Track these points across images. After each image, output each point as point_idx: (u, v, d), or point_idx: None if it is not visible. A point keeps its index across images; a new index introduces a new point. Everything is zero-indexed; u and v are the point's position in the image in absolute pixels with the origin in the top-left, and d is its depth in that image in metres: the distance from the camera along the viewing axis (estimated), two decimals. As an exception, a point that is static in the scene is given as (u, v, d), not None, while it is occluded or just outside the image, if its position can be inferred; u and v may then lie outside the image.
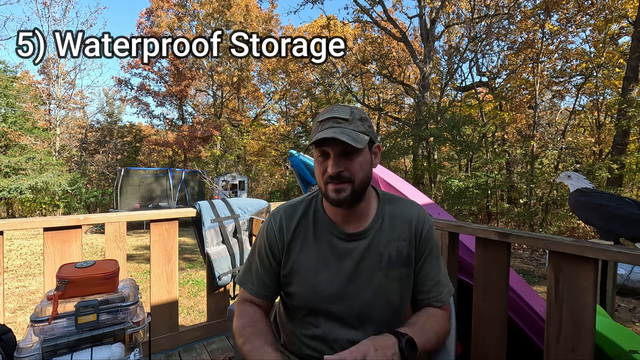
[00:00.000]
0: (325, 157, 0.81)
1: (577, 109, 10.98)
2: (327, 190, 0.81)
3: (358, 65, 16.22)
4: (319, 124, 0.81)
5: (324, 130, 0.78)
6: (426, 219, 0.92)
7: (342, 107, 0.82)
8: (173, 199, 11.62)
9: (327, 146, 0.79)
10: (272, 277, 0.90)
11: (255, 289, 0.90)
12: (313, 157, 0.85)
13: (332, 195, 0.80)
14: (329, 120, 0.80)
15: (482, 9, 12.55)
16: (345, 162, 0.79)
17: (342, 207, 0.83)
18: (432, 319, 0.86)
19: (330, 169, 0.78)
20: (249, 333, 0.81)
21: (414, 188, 1.95)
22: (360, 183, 0.81)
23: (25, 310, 4.27)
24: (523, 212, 8.85)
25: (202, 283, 5.27)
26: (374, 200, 0.92)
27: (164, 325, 1.98)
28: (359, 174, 0.80)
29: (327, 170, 0.79)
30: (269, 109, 22.16)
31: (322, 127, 0.80)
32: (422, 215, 0.92)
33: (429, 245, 0.90)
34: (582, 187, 1.50)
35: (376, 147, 0.87)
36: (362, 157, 0.81)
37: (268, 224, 0.92)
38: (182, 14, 18.14)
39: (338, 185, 0.79)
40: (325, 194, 0.82)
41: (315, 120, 0.84)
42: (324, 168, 0.80)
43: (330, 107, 0.84)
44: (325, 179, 0.81)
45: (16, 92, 14.61)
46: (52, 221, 1.64)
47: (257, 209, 2.33)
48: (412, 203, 0.95)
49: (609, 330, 1.35)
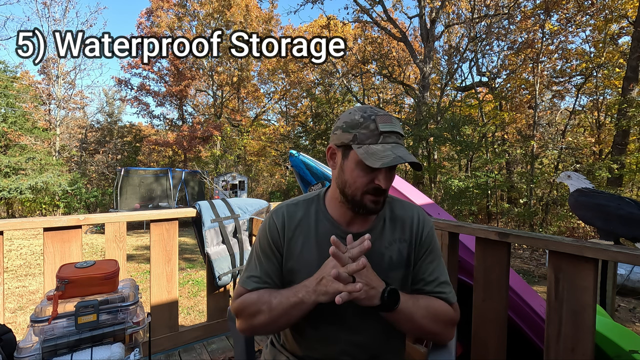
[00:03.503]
0: (373, 169, 0.77)
1: (577, 109, 10.99)
2: (363, 199, 0.80)
3: (358, 65, 16.23)
4: (381, 134, 0.76)
5: (393, 147, 0.76)
6: (426, 220, 0.92)
7: (396, 120, 0.80)
8: (173, 199, 11.62)
9: None
10: (276, 272, 0.88)
11: (259, 285, 0.87)
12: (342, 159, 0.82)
13: (370, 206, 0.80)
14: (393, 135, 0.77)
15: (482, 9, 12.55)
16: (391, 176, 0.81)
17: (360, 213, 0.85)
18: (435, 301, 0.85)
19: (384, 183, 0.77)
20: (268, 296, 0.81)
21: (414, 188, 1.95)
22: None
23: (25, 310, 4.27)
24: (523, 212, 8.85)
25: (202, 283, 5.27)
26: None
27: (164, 325, 1.98)
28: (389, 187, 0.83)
29: (377, 183, 0.78)
30: (269, 109, 22.17)
31: (386, 140, 0.76)
32: (422, 217, 0.92)
33: (429, 246, 0.90)
34: (582, 187, 1.50)
35: None
36: None
37: (270, 220, 0.91)
38: (182, 14, 18.15)
39: (379, 197, 0.80)
40: (360, 202, 0.81)
41: (370, 123, 0.77)
42: (371, 179, 0.78)
43: (387, 116, 0.78)
44: (369, 189, 0.79)
45: (16, 92, 14.61)
46: (52, 221, 1.64)
47: (257, 209, 2.33)
48: (411, 205, 0.95)
49: (609, 330, 1.35)
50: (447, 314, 0.86)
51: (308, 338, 0.88)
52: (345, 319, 0.85)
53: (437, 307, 0.84)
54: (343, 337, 0.85)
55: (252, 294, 0.84)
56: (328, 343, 0.86)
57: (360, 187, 0.79)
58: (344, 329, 0.85)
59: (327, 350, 0.86)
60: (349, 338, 0.85)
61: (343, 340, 0.85)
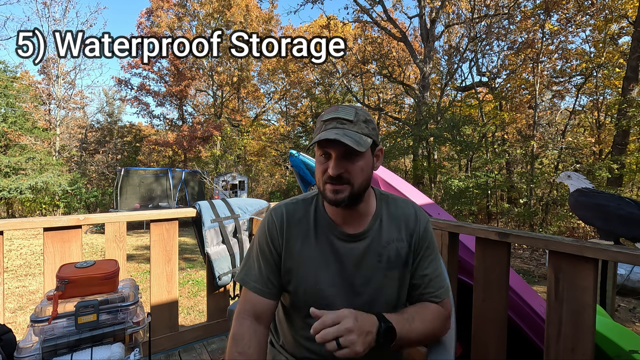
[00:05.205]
0: (327, 157, 0.80)
1: (577, 109, 10.98)
2: (325, 189, 0.81)
3: (358, 65, 16.22)
4: (322, 123, 0.81)
5: (327, 131, 0.77)
6: (422, 217, 0.92)
7: (346, 108, 0.81)
8: (173, 199, 11.62)
9: (329, 147, 0.78)
10: (275, 273, 0.88)
11: (260, 287, 0.87)
12: (315, 156, 0.85)
13: (329, 196, 0.80)
14: (333, 121, 0.79)
15: (482, 9, 12.55)
16: (347, 164, 0.79)
17: (340, 207, 0.83)
18: (426, 311, 0.85)
19: (331, 170, 0.78)
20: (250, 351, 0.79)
21: (414, 188, 1.95)
22: (360, 186, 0.81)
23: (25, 310, 4.27)
24: (523, 212, 8.85)
25: (202, 283, 5.27)
26: (373, 200, 0.91)
27: (164, 325, 1.98)
28: (358, 178, 0.80)
29: (328, 171, 0.79)
30: (269, 109, 22.17)
31: (326, 126, 0.79)
32: (419, 214, 0.92)
33: (425, 242, 0.90)
34: (582, 187, 1.50)
35: (379, 150, 0.87)
36: (363, 161, 0.80)
37: (269, 218, 0.91)
38: (182, 14, 18.15)
39: (336, 186, 0.79)
40: (324, 193, 0.82)
41: (319, 119, 0.83)
42: (325, 168, 0.80)
43: (335, 107, 0.82)
44: (325, 179, 0.81)
45: (16, 92, 14.61)
46: (52, 221, 1.64)
47: (257, 209, 2.33)
48: (407, 202, 0.95)
49: (609, 330, 1.35)
50: (438, 315, 0.86)
51: (305, 339, 0.89)
52: None
53: (432, 314, 0.85)
54: None
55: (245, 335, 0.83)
56: None
57: (319, 177, 0.82)
58: None
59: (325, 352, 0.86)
60: None
61: None
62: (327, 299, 0.85)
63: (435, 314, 0.86)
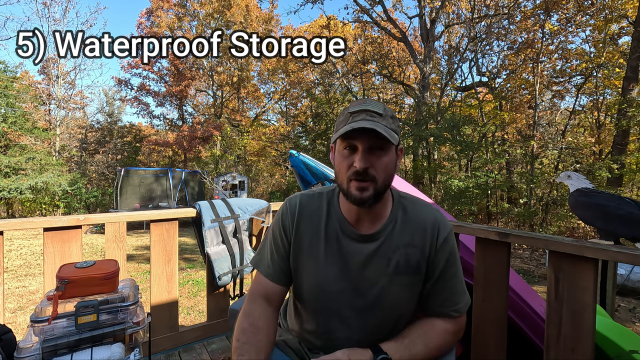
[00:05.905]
0: (352, 150, 0.76)
1: (577, 109, 10.98)
2: (349, 187, 0.77)
3: (358, 65, 16.22)
4: (350, 115, 0.77)
5: (357, 121, 0.74)
6: (442, 226, 0.86)
7: (375, 102, 0.79)
8: (173, 199, 11.62)
9: (356, 139, 0.75)
10: (285, 261, 0.89)
11: (271, 273, 0.88)
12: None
13: (354, 193, 0.76)
14: (362, 112, 0.76)
15: (482, 9, 12.55)
16: (372, 158, 0.75)
17: (363, 207, 0.79)
18: (432, 332, 0.83)
19: (358, 163, 0.74)
20: (243, 343, 0.78)
21: (414, 188, 1.95)
22: (383, 184, 0.77)
23: (25, 310, 4.27)
24: (523, 212, 8.85)
25: (202, 283, 5.27)
26: (389, 202, 0.88)
27: (164, 325, 1.98)
28: (383, 174, 0.76)
29: (354, 165, 0.74)
30: (269, 109, 22.17)
31: (354, 118, 0.75)
32: (439, 221, 0.87)
33: (444, 254, 0.85)
34: (582, 187, 1.50)
35: (400, 150, 0.84)
36: (388, 157, 0.77)
37: (284, 207, 0.91)
38: (182, 14, 18.15)
39: (362, 183, 0.75)
40: (347, 191, 0.78)
41: (345, 111, 0.79)
42: (350, 162, 0.76)
43: (362, 100, 0.80)
44: (350, 175, 0.76)
45: (16, 92, 14.61)
46: (52, 221, 1.64)
47: (257, 209, 2.33)
48: (430, 208, 0.90)
49: (609, 330, 1.35)
50: (446, 335, 0.85)
51: (308, 332, 0.91)
52: (346, 318, 0.85)
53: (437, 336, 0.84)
54: (342, 335, 0.86)
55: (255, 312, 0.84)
56: (327, 339, 0.88)
57: (344, 172, 0.77)
58: (343, 327, 0.86)
59: (326, 346, 0.88)
60: (348, 336, 0.85)
61: (341, 338, 0.86)
62: (329, 296, 0.85)
63: (443, 333, 0.84)
